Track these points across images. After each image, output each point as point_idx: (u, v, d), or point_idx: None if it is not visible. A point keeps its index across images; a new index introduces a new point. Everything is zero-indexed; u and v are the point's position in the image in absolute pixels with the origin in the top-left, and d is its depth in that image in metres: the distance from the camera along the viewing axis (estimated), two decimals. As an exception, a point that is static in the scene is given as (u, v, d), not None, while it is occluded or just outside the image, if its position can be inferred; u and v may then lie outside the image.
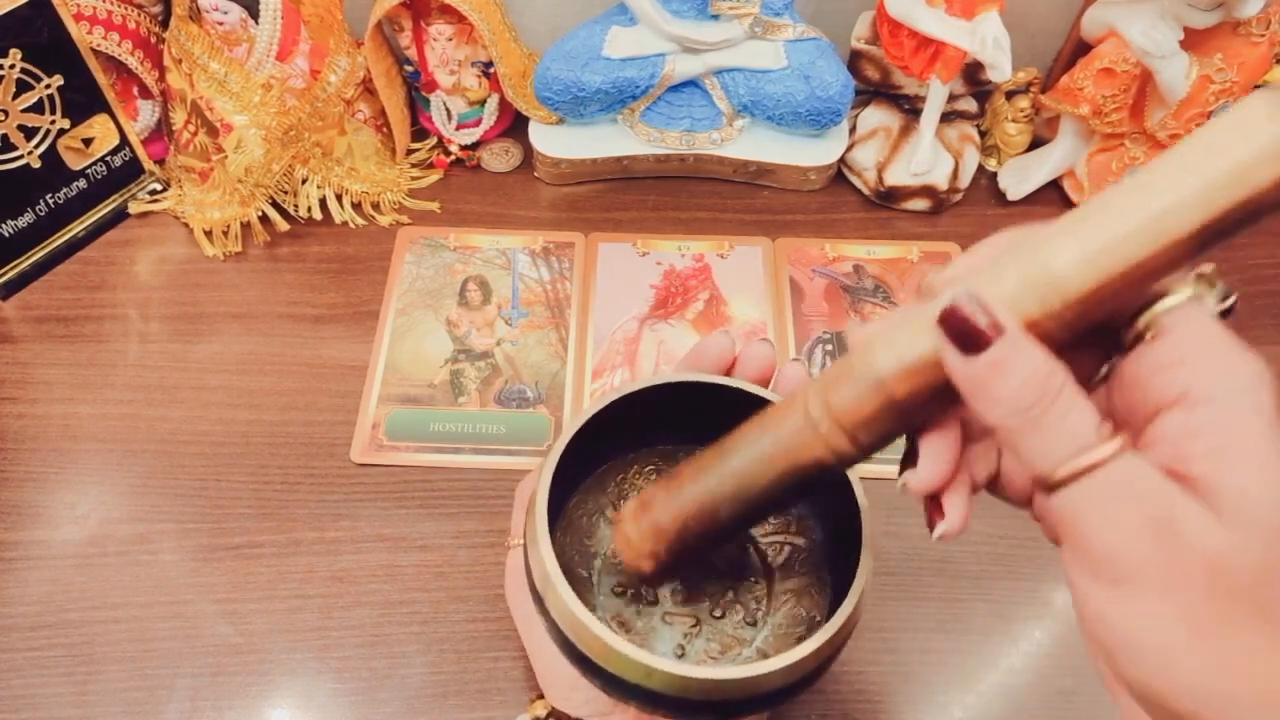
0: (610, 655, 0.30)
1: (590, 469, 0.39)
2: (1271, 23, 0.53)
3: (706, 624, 0.37)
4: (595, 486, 0.39)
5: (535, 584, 0.32)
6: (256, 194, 0.59)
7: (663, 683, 0.30)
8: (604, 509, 0.39)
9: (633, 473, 0.40)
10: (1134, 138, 0.59)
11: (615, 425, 0.35)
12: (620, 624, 0.36)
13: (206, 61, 0.56)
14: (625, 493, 0.39)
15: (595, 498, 0.39)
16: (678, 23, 0.58)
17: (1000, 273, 0.23)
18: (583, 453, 0.35)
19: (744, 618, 0.37)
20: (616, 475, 0.40)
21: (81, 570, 0.47)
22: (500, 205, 0.63)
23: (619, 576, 0.38)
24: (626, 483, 0.40)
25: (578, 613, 0.30)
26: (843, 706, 0.43)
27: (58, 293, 0.58)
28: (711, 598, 0.37)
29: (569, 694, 0.36)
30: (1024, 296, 0.23)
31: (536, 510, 0.32)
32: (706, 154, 0.63)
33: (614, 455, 0.40)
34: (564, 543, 0.37)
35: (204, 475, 0.50)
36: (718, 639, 0.36)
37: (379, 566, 0.47)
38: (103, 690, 0.43)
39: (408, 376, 0.54)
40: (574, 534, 0.38)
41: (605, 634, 0.30)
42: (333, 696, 0.43)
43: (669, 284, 0.59)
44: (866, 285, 0.59)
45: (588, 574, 0.38)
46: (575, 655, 0.32)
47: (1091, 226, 0.22)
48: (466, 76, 0.63)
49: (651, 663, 0.29)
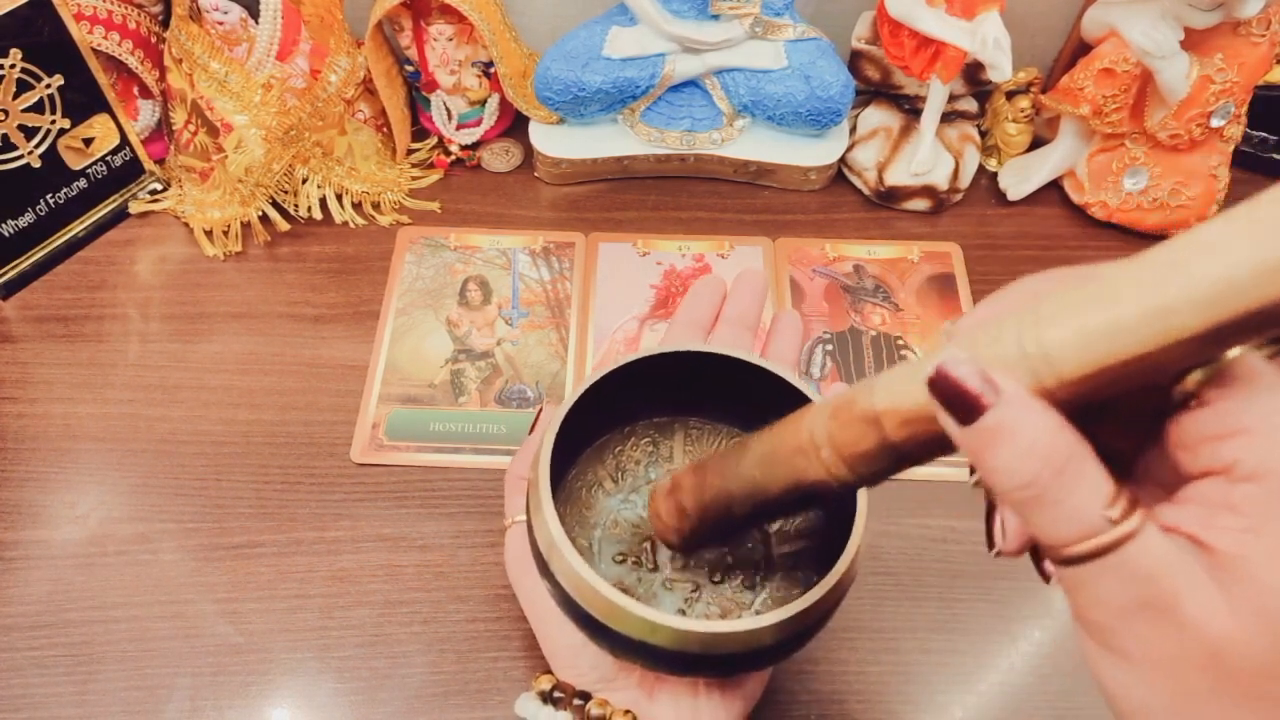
0: (616, 613, 0.31)
1: (588, 441, 0.40)
2: (1272, 23, 0.53)
3: (706, 589, 0.37)
4: (593, 459, 0.40)
5: (540, 549, 0.33)
6: (257, 194, 0.59)
7: (667, 638, 0.31)
8: (602, 481, 0.40)
9: (630, 445, 0.41)
10: (1134, 138, 0.59)
11: (612, 398, 0.36)
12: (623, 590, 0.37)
13: (207, 61, 0.56)
14: (623, 465, 0.40)
15: (594, 469, 0.40)
16: (678, 23, 0.58)
17: (1001, 334, 0.21)
18: (581, 425, 0.36)
19: (743, 581, 0.38)
20: (615, 447, 0.41)
21: (81, 570, 0.47)
22: (500, 205, 0.63)
23: (619, 545, 0.38)
24: (624, 454, 0.40)
25: (583, 573, 0.31)
26: (843, 706, 0.43)
27: (58, 293, 0.58)
28: (711, 564, 0.38)
29: (574, 662, 0.36)
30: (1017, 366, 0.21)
31: (540, 479, 0.33)
32: (707, 154, 0.63)
33: (611, 428, 0.40)
34: (564, 514, 0.38)
35: (204, 475, 0.50)
36: (717, 603, 0.37)
37: (379, 566, 0.47)
38: (103, 690, 0.43)
39: (408, 376, 0.54)
40: (574, 505, 0.39)
41: (611, 592, 0.31)
42: (333, 696, 0.43)
43: (669, 284, 0.59)
44: (867, 285, 0.59)
45: (588, 544, 0.38)
46: (580, 616, 0.32)
47: (1093, 305, 0.20)
48: (467, 76, 0.63)
49: (656, 618, 0.30)
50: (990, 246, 0.61)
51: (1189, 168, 0.59)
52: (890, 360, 0.55)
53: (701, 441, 0.41)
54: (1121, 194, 0.60)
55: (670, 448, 0.41)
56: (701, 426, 0.41)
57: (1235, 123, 0.58)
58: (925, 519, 0.49)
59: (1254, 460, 0.20)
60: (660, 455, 0.41)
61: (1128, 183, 0.60)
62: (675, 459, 0.41)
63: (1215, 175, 0.59)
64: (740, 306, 0.42)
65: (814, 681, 0.44)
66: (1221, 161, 0.59)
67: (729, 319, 0.42)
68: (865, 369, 0.54)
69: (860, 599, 0.46)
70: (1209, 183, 0.59)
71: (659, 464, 0.40)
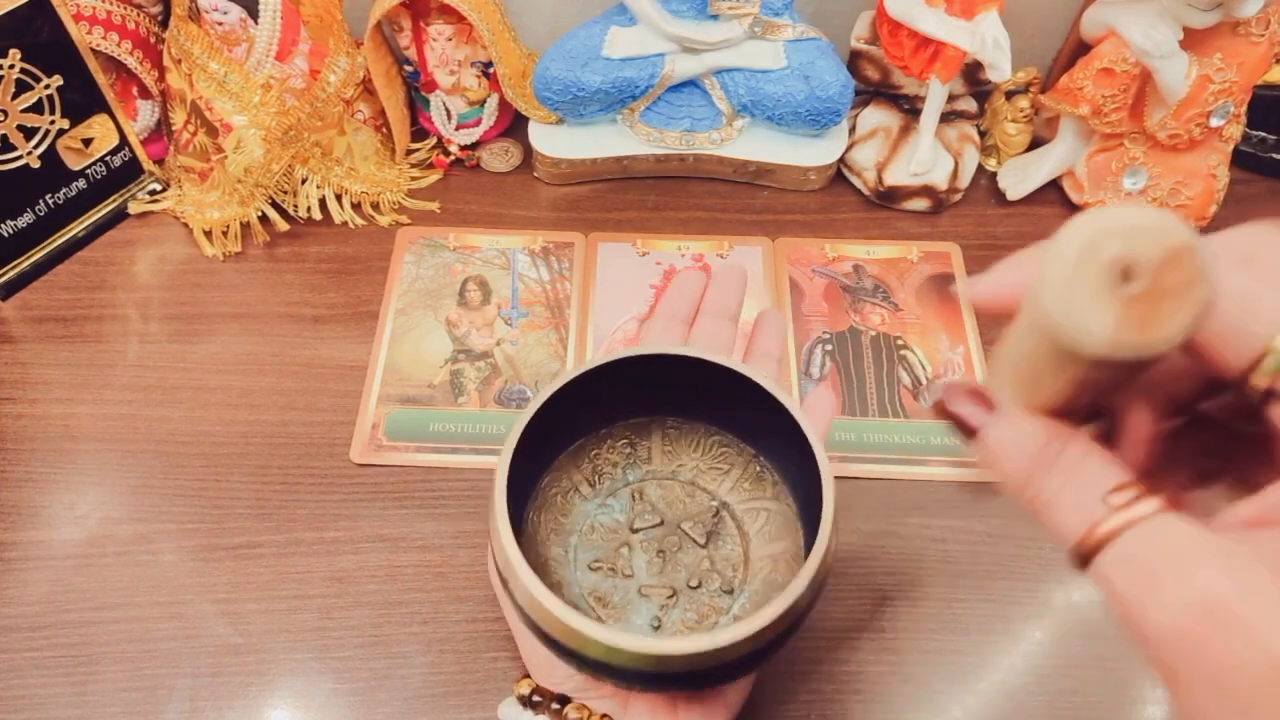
0: (573, 636, 0.30)
1: (563, 446, 0.39)
2: (1271, 23, 0.53)
3: (683, 594, 0.37)
4: (568, 463, 0.39)
5: (500, 569, 0.32)
6: (256, 194, 0.59)
7: (627, 659, 0.30)
8: (578, 485, 0.39)
9: (606, 447, 0.40)
10: (1134, 138, 0.59)
11: (585, 401, 0.36)
12: (597, 599, 0.37)
13: (206, 61, 0.56)
14: (599, 468, 0.40)
15: (569, 474, 0.39)
16: (677, 23, 0.58)
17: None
18: (554, 430, 0.35)
19: (720, 586, 0.37)
20: (591, 450, 0.40)
21: (81, 570, 0.47)
22: (500, 205, 0.63)
23: (595, 552, 0.38)
24: (600, 457, 0.40)
25: (538, 596, 0.30)
26: (843, 706, 0.43)
27: (58, 293, 0.58)
28: (688, 568, 0.37)
29: (551, 670, 0.37)
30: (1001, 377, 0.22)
31: (495, 497, 0.32)
32: (706, 154, 0.63)
33: (587, 430, 0.40)
34: (538, 521, 0.38)
35: (204, 475, 0.50)
36: (694, 609, 0.37)
37: (379, 566, 0.47)
38: (103, 690, 0.43)
39: (407, 376, 0.54)
40: (549, 512, 0.38)
41: (566, 615, 0.30)
42: (332, 696, 0.43)
43: (669, 284, 0.59)
44: (866, 285, 0.59)
45: (564, 551, 0.38)
46: (543, 637, 0.32)
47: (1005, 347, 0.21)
48: (466, 76, 0.63)
49: (612, 640, 0.29)
50: (990, 246, 0.61)
51: (1188, 167, 0.59)
52: (890, 361, 0.55)
53: (680, 441, 0.41)
54: (1121, 194, 0.60)
55: (648, 449, 0.41)
56: (680, 426, 0.41)
57: (1234, 122, 0.58)
58: (925, 519, 0.49)
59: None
60: (638, 457, 0.40)
61: (1127, 182, 0.60)
62: (653, 460, 0.40)
63: (1214, 175, 0.59)
64: (721, 299, 0.43)
65: (814, 681, 0.44)
66: (1221, 161, 0.59)
67: (709, 311, 0.42)
68: (865, 369, 0.54)
69: (860, 599, 0.46)
70: (1208, 182, 0.59)
71: (637, 466, 0.40)
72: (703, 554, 0.38)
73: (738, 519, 0.39)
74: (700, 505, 0.39)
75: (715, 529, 0.38)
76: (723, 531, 0.38)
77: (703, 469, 0.40)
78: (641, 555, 0.38)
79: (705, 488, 0.40)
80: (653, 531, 0.39)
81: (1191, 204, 0.59)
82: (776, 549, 0.37)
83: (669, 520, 0.39)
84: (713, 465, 0.40)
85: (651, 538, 0.38)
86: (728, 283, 0.43)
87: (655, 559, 0.38)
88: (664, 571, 0.37)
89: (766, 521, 0.38)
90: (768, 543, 0.38)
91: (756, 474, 0.40)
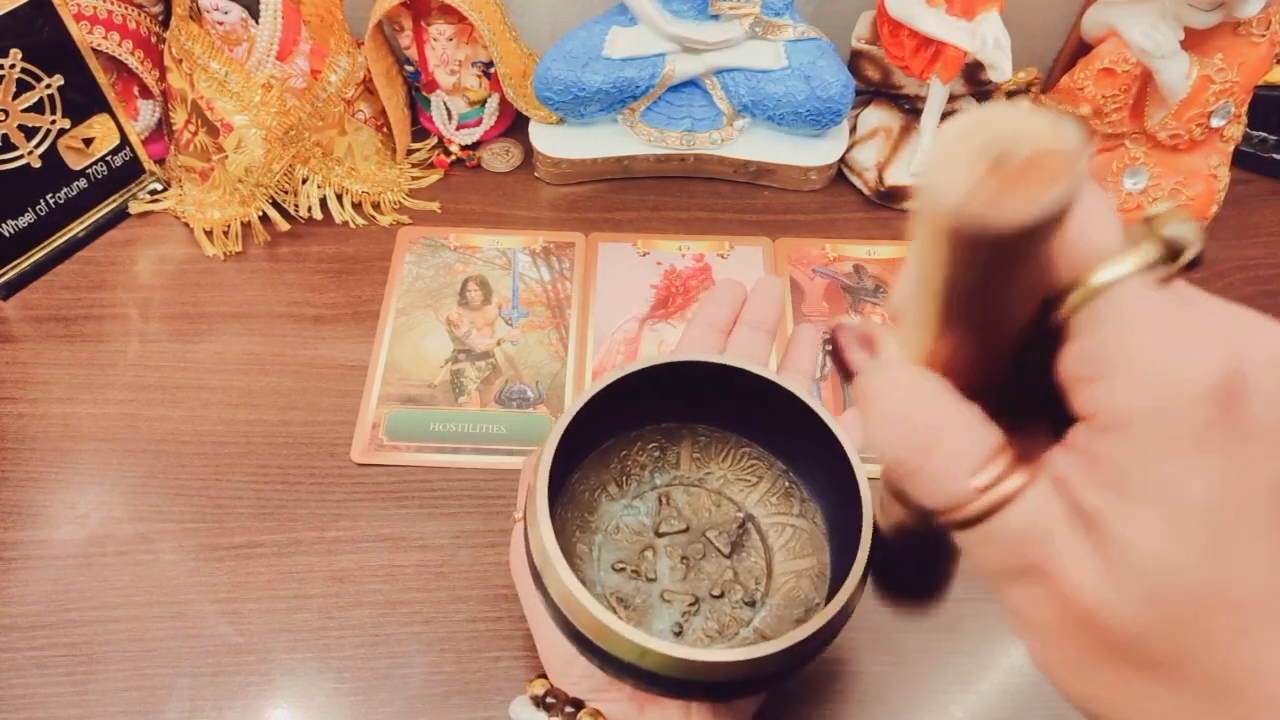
0: (606, 634, 0.30)
1: (593, 445, 0.39)
2: (1272, 23, 0.53)
3: (705, 603, 0.37)
4: (598, 463, 0.40)
5: (534, 562, 0.33)
6: (257, 194, 0.59)
7: (657, 663, 0.30)
8: (605, 485, 0.39)
9: (636, 450, 0.40)
10: (1134, 138, 0.59)
11: (619, 403, 0.36)
12: (619, 600, 0.37)
13: (207, 61, 0.56)
14: (628, 470, 0.40)
15: (598, 473, 0.39)
16: (678, 23, 0.58)
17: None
18: (587, 429, 0.35)
19: (743, 597, 0.37)
20: (620, 452, 0.40)
21: (81, 570, 0.47)
22: (500, 205, 0.63)
23: (619, 552, 0.38)
24: (630, 460, 0.40)
25: (575, 591, 0.30)
26: (843, 706, 0.43)
27: (58, 293, 0.58)
28: (711, 577, 0.37)
29: (567, 670, 0.36)
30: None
31: (537, 489, 0.32)
32: (707, 154, 0.63)
33: (617, 432, 0.40)
34: (565, 517, 0.38)
35: (204, 475, 0.50)
36: (716, 618, 0.37)
37: (379, 566, 0.47)
38: (103, 690, 0.43)
39: (408, 376, 0.54)
40: (576, 509, 0.38)
41: (601, 613, 0.30)
42: (333, 696, 0.43)
43: (669, 284, 0.59)
44: (867, 285, 0.59)
45: (589, 549, 0.38)
46: (572, 633, 0.32)
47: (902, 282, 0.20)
48: (467, 76, 0.63)
49: (646, 643, 0.29)
50: (990, 246, 0.61)
51: (1189, 168, 0.59)
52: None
53: (710, 450, 0.40)
54: (1121, 194, 0.60)
55: (677, 454, 0.40)
56: (710, 434, 0.40)
57: (1235, 123, 0.58)
58: (925, 519, 0.49)
59: (1114, 408, 0.18)
60: (667, 461, 0.40)
61: (1128, 182, 0.60)
62: (682, 466, 0.40)
63: (1215, 175, 0.59)
64: (759, 311, 0.42)
65: (814, 681, 0.44)
66: (1221, 161, 0.59)
67: (747, 323, 0.42)
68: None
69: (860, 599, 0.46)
70: (1209, 183, 0.59)
71: (665, 470, 0.40)
72: (726, 564, 0.38)
73: (763, 532, 0.39)
74: (726, 515, 0.39)
75: (740, 540, 0.38)
76: (747, 544, 0.38)
77: (730, 479, 0.40)
78: (665, 560, 0.38)
79: (732, 498, 0.40)
80: (677, 537, 0.39)
81: (1192, 204, 0.59)
82: (800, 565, 0.37)
83: (694, 527, 0.39)
84: (741, 476, 0.40)
85: (676, 543, 0.38)
86: (766, 295, 0.43)
87: (679, 565, 0.38)
88: (687, 578, 0.37)
89: (792, 538, 0.38)
90: (792, 559, 0.38)
91: (785, 489, 0.39)
